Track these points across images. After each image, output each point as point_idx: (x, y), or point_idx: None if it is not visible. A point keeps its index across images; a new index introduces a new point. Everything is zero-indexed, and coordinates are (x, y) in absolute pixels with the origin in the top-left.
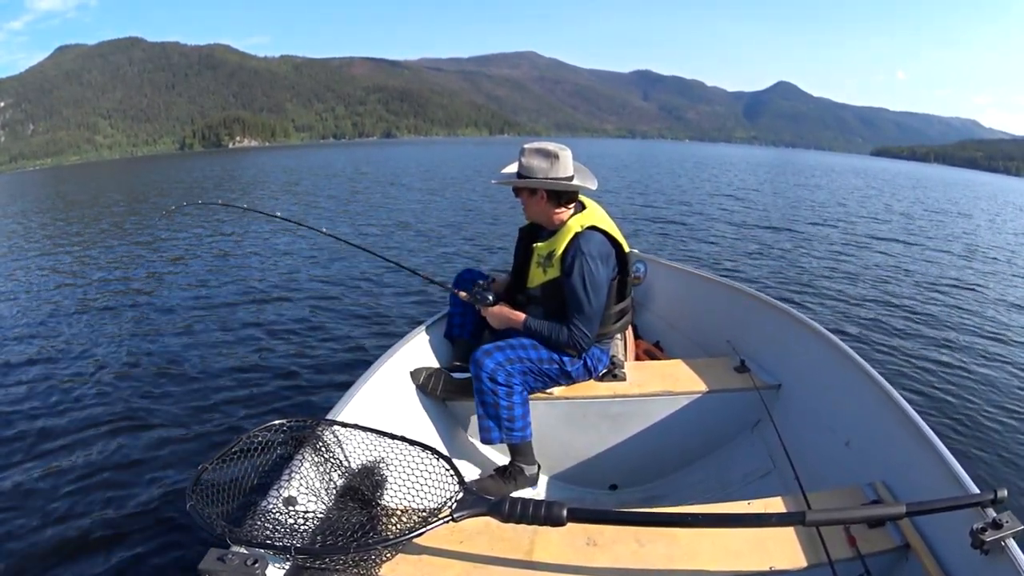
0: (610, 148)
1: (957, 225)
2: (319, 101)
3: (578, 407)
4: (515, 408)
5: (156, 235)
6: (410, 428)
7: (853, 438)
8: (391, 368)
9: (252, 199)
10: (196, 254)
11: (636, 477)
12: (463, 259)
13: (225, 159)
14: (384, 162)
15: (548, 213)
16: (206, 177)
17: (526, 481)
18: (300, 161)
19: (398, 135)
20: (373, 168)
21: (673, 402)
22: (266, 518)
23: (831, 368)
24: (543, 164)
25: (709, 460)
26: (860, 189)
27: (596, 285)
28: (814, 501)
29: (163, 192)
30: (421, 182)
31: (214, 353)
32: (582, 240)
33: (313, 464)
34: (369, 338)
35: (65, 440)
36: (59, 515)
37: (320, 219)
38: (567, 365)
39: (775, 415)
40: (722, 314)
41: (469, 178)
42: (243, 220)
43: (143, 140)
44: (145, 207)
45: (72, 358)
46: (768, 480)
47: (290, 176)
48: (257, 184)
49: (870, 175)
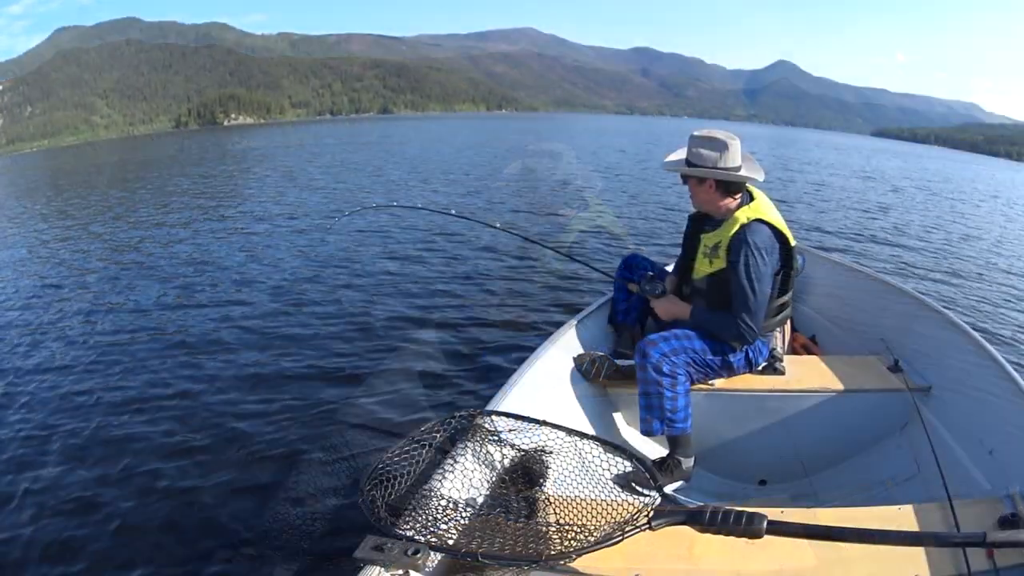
0: (610, 124)
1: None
2: (316, 77)
3: (737, 400)
4: (678, 399)
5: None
6: (570, 414)
7: (997, 447)
8: (554, 354)
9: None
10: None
11: (784, 473)
12: (619, 245)
13: (235, 135)
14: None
15: (715, 202)
16: (251, 152)
17: (682, 474)
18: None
19: (395, 111)
20: (466, 142)
21: (827, 399)
22: (433, 512)
23: (981, 374)
24: (712, 153)
25: (856, 460)
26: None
27: (761, 277)
28: (957, 509)
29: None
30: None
31: (372, 347)
32: (748, 232)
33: (480, 457)
34: (527, 327)
35: (222, 432)
36: (216, 501)
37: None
38: (730, 357)
39: (924, 418)
40: (877, 311)
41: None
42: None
43: (140, 119)
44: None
45: (264, 352)
46: (911, 484)
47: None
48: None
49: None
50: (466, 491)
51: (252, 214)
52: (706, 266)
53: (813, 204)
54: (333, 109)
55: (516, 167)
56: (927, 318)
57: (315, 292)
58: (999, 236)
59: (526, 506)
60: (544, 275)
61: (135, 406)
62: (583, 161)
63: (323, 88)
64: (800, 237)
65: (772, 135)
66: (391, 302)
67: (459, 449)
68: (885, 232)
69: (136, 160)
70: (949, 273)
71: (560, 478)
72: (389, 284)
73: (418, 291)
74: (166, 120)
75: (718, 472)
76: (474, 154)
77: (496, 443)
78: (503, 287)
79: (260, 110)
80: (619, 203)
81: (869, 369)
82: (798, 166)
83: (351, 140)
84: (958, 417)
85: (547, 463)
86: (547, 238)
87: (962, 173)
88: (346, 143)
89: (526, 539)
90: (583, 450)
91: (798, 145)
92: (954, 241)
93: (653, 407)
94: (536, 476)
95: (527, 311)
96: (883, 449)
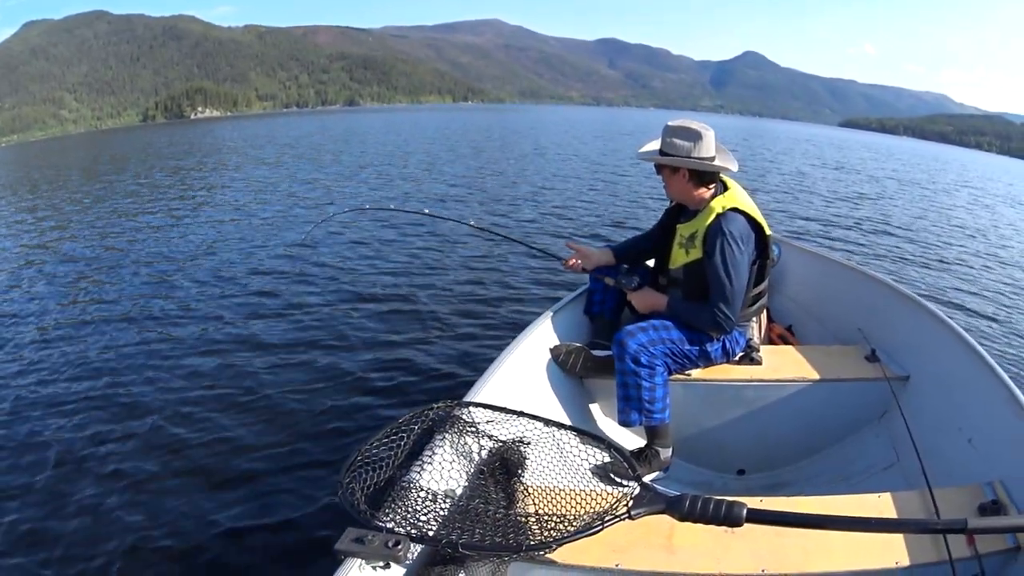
0: (576, 115)
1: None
2: (283, 70)
3: (714, 390)
4: (656, 390)
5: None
6: (548, 405)
7: (976, 435)
8: (530, 345)
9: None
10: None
11: (763, 463)
12: (591, 235)
13: (199, 128)
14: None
15: (689, 192)
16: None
17: (660, 464)
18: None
19: (361, 103)
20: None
21: (805, 388)
22: (413, 504)
23: (960, 363)
24: (686, 143)
25: (835, 449)
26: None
27: (737, 266)
28: (937, 497)
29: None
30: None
31: (349, 339)
32: (724, 221)
33: (458, 449)
34: (503, 320)
35: (201, 427)
36: (193, 495)
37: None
38: (707, 347)
39: (903, 407)
40: (854, 301)
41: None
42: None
43: (107, 113)
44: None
45: (221, 350)
46: (891, 472)
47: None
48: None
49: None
50: (445, 483)
51: (214, 215)
52: (682, 256)
53: (784, 194)
54: (299, 102)
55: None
56: (904, 307)
57: (289, 288)
58: (974, 224)
59: (505, 497)
60: (518, 268)
61: (105, 403)
62: (555, 155)
63: (290, 80)
64: (775, 227)
65: (738, 125)
66: (366, 295)
67: (437, 441)
68: (859, 221)
69: (108, 156)
70: (924, 261)
71: (539, 469)
72: (364, 278)
73: (393, 285)
74: (134, 114)
75: (697, 462)
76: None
77: (474, 434)
78: (477, 279)
79: (227, 103)
80: (592, 194)
81: (846, 358)
82: (771, 156)
83: (322, 133)
84: (937, 405)
85: (525, 454)
86: (514, 231)
87: (931, 163)
88: (317, 143)
89: (506, 529)
90: (561, 441)
91: (766, 136)
92: (930, 229)
93: (631, 398)
94: (515, 467)
95: (501, 303)
96: (862, 438)
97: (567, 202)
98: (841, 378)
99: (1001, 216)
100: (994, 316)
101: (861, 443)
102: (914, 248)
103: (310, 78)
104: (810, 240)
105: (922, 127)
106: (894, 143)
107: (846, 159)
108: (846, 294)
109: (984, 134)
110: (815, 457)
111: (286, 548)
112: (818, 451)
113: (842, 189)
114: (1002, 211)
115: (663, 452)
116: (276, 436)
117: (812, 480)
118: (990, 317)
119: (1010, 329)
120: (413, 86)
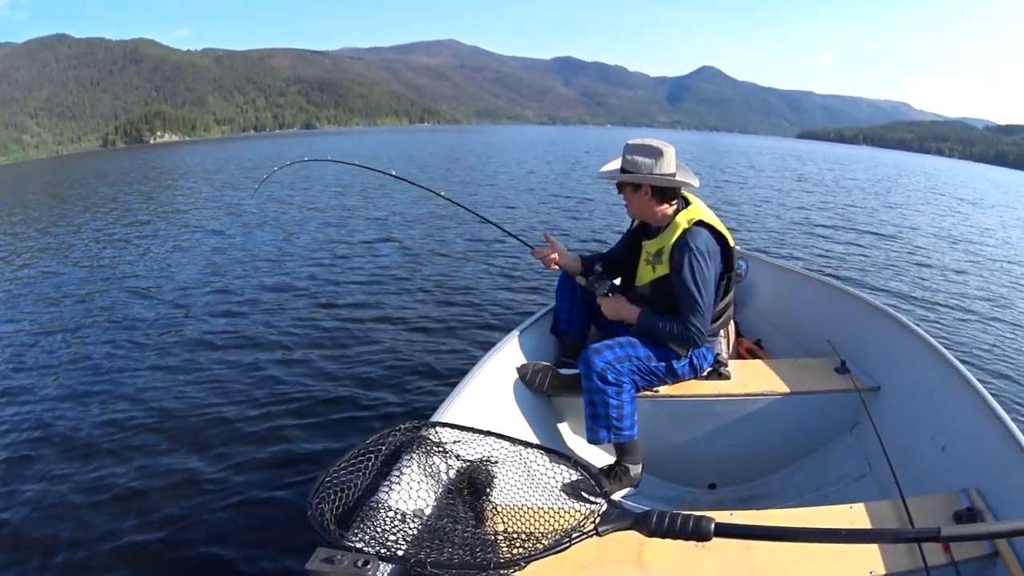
0: (531, 135)
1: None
2: (240, 93)
3: (683, 405)
4: (624, 407)
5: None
6: (516, 424)
7: (949, 443)
8: (497, 364)
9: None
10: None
11: (734, 476)
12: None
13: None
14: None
15: (651, 208)
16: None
17: (630, 481)
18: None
19: (318, 126)
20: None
21: (775, 402)
22: (382, 524)
23: (931, 372)
24: (648, 160)
25: (807, 461)
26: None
27: (706, 281)
28: (911, 506)
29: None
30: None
31: (313, 360)
32: (690, 236)
33: (426, 468)
34: (473, 335)
35: (172, 445)
36: (164, 514)
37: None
38: (674, 363)
39: (874, 417)
40: (823, 313)
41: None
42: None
43: (68, 138)
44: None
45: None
46: (864, 483)
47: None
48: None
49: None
50: (414, 502)
51: (173, 232)
52: (649, 272)
53: (733, 206)
54: (257, 125)
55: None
56: (873, 318)
57: (254, 302)
58: (934, 229)
59: (474, 516)
60: (485, 280)
61: (51, 432)
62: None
63: (247, 104)
64: (736, 241)
65: (694, 140)
66: (330, 313)
67: (405, 461)
68: (821, 232)
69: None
70: (892, 271)
71: (507, 487)
72: (328, 294)
73: (355, 302)
74: (94, 139)
75: (667, 477)
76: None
77: (441, 454)
78: (443, 297)
79: (185, 127)
80: (559, 213)
81: (816, 371)
82: (726, 168)
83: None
84: (909, 415)
85: (493, 473)
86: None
87: (891, 170)
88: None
89: (474, 548)
90: (528, 459)
91: (719, 150)
92: (896, 237)
93: (599, 416)
94: (483, 486)
95: (468, 321)
96: (834, 450)
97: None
98: (811, 390)
99: (966, 219)
100: (964, 322)
101: (833, 455)
102: (878, 256)
103: (267, 101)
104: (773, 252)
105: (882, 135)
106: (852, 152)
107: (806, 169)
108: (815, 307)
109: (946, 140)
110: (787, 470)
111: (256, 569)
112: (790, 463)
113: (801, 200)
114: (966, 216)
115: (633, 468)
116: (243, 456)
117: (784, 492)
118: (960, 323)
119: (982, 335)
120: (369, 108)
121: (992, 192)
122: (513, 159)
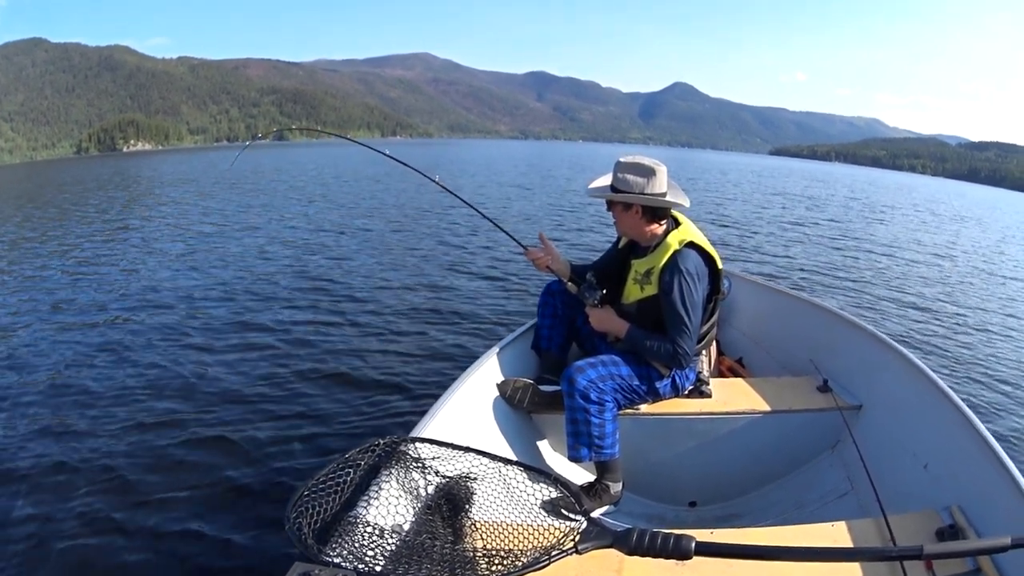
0: (504, 149)
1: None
2: (214, 103)
3: (665, 424)
4: (605, 425)
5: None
6: (496, 441)
7: (931, 461)
8: (477, 380)
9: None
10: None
11: (715, 494)
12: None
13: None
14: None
15: (641, 228)
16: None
17: (611, 499)
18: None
19: (291, 137)
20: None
21: (756, 420)
22: (360, 539)
23: (913, 390)
24: (639, 179)
25: (788, 479)
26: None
27: (695, 303)
28: (893, 524)
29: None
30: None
31: (291, 373)
32: (680, 258)
33: (405, 484)
34: (452, 351)
35: (148, 461)
36: (136, 527)
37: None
38: (656, 383)
39: (856, 436)
40: (805, 332)
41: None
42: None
43: (42, 144)
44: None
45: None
46: (846, 501)
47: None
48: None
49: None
50: (392, 518)
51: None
52: (637, 291)
53: (727, 225)
54: (230, 136)
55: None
56: (855, 337)
57: (231, 316)
58: (916, 248)
59: (452, 532)
60: (467, 297)
61: (28, 439)
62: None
63: (220, 114)
64: (723, 258)
65: (666, 156)
66: (309, 327)
67: (384, 476)
68: (801, 251)
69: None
70: (872, 289)
71: (486, 504)
72: (308, 305)
73: (338, 315)
74: (67, 145)
75: (648, 495)
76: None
77: (420, 470)
78: (425, 309)
79: (159, 136)
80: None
81: (798, 389)
82: (703, 185)
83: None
84: (890, 433)
85: (472, 489)
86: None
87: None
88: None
89: (453, 565)
90: (508, 476)
91: (691, 166)
92: (872, 253)
93: (580, 433)
94: (462, 502)
95: (449, 336)
96: (815, 468)
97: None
98: (793, 409)
99: (940, 233)
100: (946, 339)
101: (815, 473)
102: (859, 274)
103: (240, 112)
104: (753, 268)
105: (855, 152)
106: (825, 169)
107: (778, 186)
108: (797, 325)
109: (919, 156)
110: (768, 488)
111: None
112: (771, 482)
113: (782, 217)
114: (947, 230)
115: (613, 487)
116: (220, 470)
117: (766, 511)
118: (942, 340)
119: (964, 353)
120: (342, 120)
121: (969, 206)
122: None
